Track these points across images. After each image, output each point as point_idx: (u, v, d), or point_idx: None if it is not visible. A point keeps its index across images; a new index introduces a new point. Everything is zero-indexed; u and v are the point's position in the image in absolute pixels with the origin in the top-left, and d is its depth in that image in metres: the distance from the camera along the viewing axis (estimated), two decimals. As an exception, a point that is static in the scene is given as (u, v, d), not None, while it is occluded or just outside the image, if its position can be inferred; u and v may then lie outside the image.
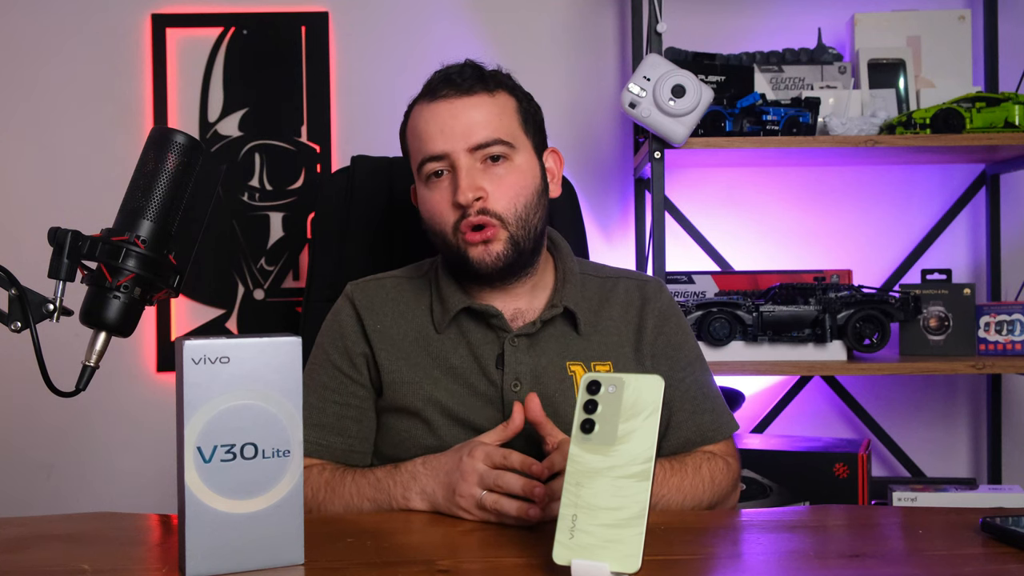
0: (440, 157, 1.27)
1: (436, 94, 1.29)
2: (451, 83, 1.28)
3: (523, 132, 1.32)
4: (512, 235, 1.27)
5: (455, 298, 1.32)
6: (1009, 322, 1.99)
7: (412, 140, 1.33)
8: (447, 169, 1.28)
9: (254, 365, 0.91)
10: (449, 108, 1.28)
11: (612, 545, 0.85)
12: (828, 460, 1.92)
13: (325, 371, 1.34)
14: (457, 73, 1.30)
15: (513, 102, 1.32)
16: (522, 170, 1.30)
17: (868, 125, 1.97)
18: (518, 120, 1.32)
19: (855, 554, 0.96)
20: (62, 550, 1.02)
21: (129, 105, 2.34)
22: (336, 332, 1.36)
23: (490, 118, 1.28)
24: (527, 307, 1.34)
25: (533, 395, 1.17)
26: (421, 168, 1.30)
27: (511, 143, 1.29)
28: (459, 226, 1.27)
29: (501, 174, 1.28)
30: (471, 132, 1.27)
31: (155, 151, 0.96)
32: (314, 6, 2.34)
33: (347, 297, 1.38)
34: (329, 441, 1.30)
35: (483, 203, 1.26)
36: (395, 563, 0.95)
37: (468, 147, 1.26)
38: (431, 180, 1.29)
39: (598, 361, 1.32)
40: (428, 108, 1.29)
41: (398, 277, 1.40)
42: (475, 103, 1.28)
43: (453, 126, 1.27)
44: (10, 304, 0.94)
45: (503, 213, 1.27)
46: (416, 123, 1.31)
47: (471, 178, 1.26)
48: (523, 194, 1.29)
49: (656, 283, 1.41)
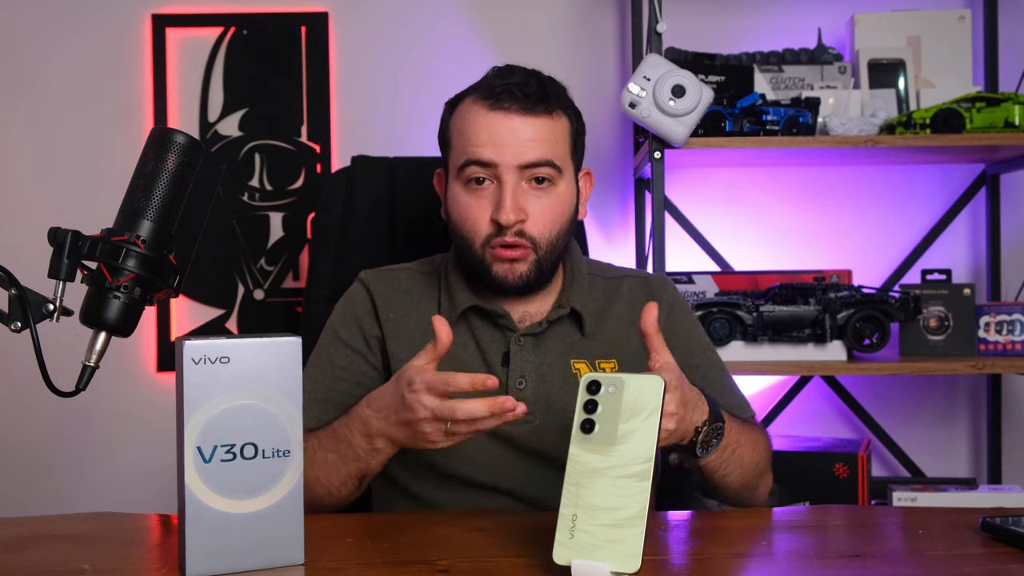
0: (488, 165, 1.25)
1: (498, 103, 1.25)
2: (514, 96, 1.25)
3: (570, 156, 1.31)
4: (539, 259, 1.27)
5: (463, 296, 1.32)
6: (1009, 322, 1.99)
7: (458, 137, 1.29)
8: (491, 179, 1.26)
9: (254, 365, 0.91)
10: (508, 122, 1.25)
11: (612, 545, 0.85)
12: (828, 460, 1.92)
13: (335, 349, 1.34)
14: (521, 85, 1.26)
15: (568, 125, 1.31)
16: (563, 196, 1.29)
17: (868, 125, 1.97)
18: (569, 144, 1.31)
19: (855, 554, 0.96)
20: (62, 550, 1.02)
21: (129, 105, 2.34)
22: (350, 313, 1.35)
23: (546, 140, 1.26)
24: (536, 308, 1.34)
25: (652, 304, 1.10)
26: (463, 169, 1.27)
27: (560, 167, 1.27)
28: (491, 241, 1.26)
29: (544, 198, 1.26)
30: (525, 151, 1.24)
31: (155, 151, 0.96)
32: (314, 6, 2.34)
33: (362, 282, 1.38)
34: (332, 417, 1.28)
35: (521, 226, 1.25)
36: (395, 563, 0.95)
37: (519, 164, 1.24)
38: (471, 185, 1.27)
39: (602, 359, 1.32)
40: (485, 114, 1.26)
41: (411, 269, 1.40)
42: (535, 123, 1.26)
43: (508, 140, 1.24)
44: (10, 304, 0.94)
45: (538, 238, 1.26)
46: (468, 122, 1.28)
47: (515, 198, 1.24)
48: (560, 221, 1.28)
49: (660, 277, 1.43)
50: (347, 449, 1.18)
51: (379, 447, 1.16)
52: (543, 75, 1.31)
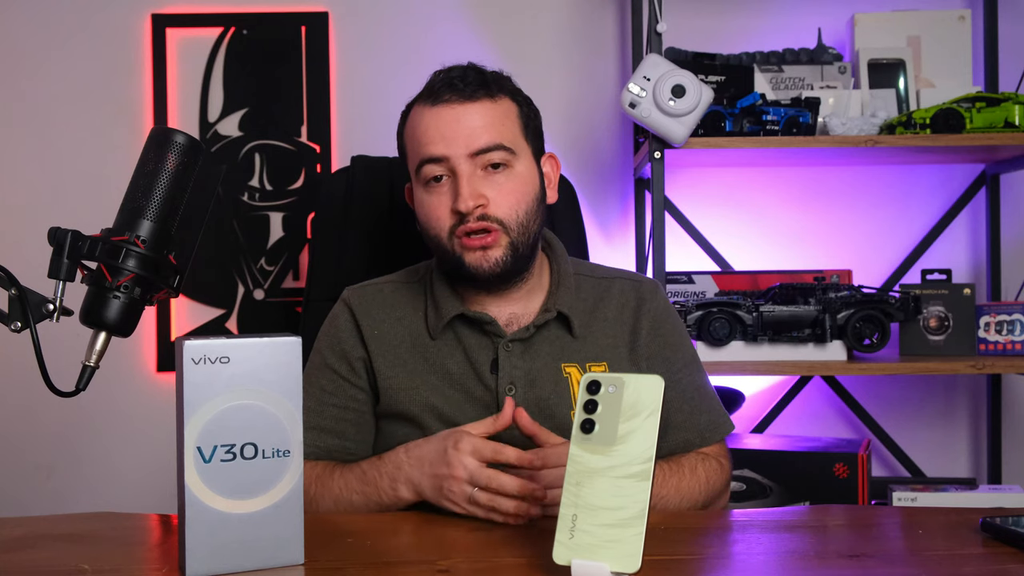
0: (440, 160, 1.26)
1: (439, 98, 1.27)
2: (454, 87, 1.27)
3: (523, 138, 1.31)
4: (513, 241, 1.27)
5: (449, 304, 1.32)
6: (1009, 322, 1.99)
7: (411, 142, 1.31)
8: (447, 174, 1.27)
9: (254, 365, 0.91)
10: (451, 112, 1.26)
11: (612, 545, 0.85)
12: (828, 460, 1.92)
13: (323, 375, 1.34)
14: (459, 77, 1.28)
15: (515, 107, 1.32)
16: (523, 177, 1.29)
17: (868, 125, 1.97)
18: (519, 126, 1.31)
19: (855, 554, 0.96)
20: (62, 550, 1.02)
21: (129, 105, 2.34)
22: (334, 337, 1.36)
23: (492, 124, 1.27)
24: (522, 311, 1.33)
25: (520, 409, 1.15)
26: (419, 171, 1.29)
27: (512, 149, 1.28)
28: (455, 231, 1.26)
29: (502, 181, 1.27)
30: (473, 138, 1.26)
31: (155, 151, 0.96)
32: (314, 6, 2.34)
33: (344, 303, 1.38)
34: (327, 443, 1.30)
35: (483, 210, 1.25)
36: (395, 563, 0.95)
37: (469, 153, 1.25)
38: (430, 184, 1.28)
39: (593, 362, 1.32)
40: (430, 111, 1.28)
41: (395, 282, 1.40)
42: (477, 109, 1.27)
43: (456, 131, 1.26)
44: (10, 304, 0.94)
45: (505, 219, 1.26)
46: (416, 125, 1.30)
47: (472, 185, 1.25)
48: (524, 200, 1.28)
49: (652, 284, 1.41)
50: (372, 491, 1.19)
51: (402, 495, 1.17)
52: (481, 66, 1.32)
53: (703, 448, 1.33)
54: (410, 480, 1.16)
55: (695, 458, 1.29)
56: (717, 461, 1.31)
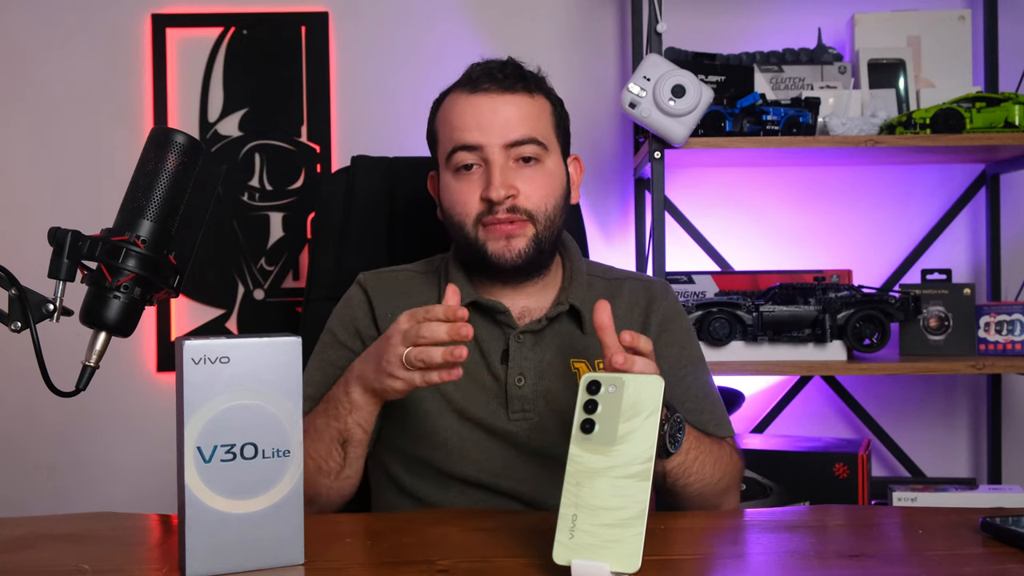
0: (474, 148, 1.27)
1: (477, 86, 1.28)
2: (493, 77, 1.28)
3: (555, 136, 1.33)
4: (538, 233, 1.27)
5: (463, 291, 1.32)
6: (1009, 322, 1.99)
7: (443, 128, 1.32)
8: (479, 163, 1.27)
9: (254, 365, 0.91)
10: (489, 102, 1.27)
11: (612, 545, 0.85)
12: (828, 460, 1.92)
13: (334, 350, 1.34)
14: (499, 68, 1.29)
15: (549, 106, 1.33)
16: (552, 173, 1.30)
17: (868, 125, 1.97)
18: (552, 124, 1.33)
19: (855, 554, 0.96)
20: (62, 550, 1.02)
21: (129, 105, 2.34)
22: (348, 315, 1.36)
23: (528, 117, 1.28)
24: (535, 305, 1.34)
25: (604, 302, 1.10)
26: (451, 157, 1.29)
27: (545, 145, 1.29)
28: (482, 219, 1.27)
29: (532, 175, 1.28)
30: (509, 129, 1.26)
31: (155, 151, 0.96)
32: (314, 6, 2.34)
33: (359, 284, 1.38)
34: None
35: (512, 201, 1.26)
36: (395, 563, 0.95)
37: (504, 143, 1.26)
38: (460, 172, 1.29)
39: (601, 359, 1.32)
40: (467, 99, 1.29)
41: (410, 271, 1.41)
42: (515, 101, 1.28)
43: (492, 120, 1.26)
44: (10, 304, 0.94)
45: (534, 211, 1.27)
46: (451, 111, 1.30)
47: (504, 175, 1.25)
48: (553, 195, 1.29)
49: (662, 284, 1.42)
50: (332, 408, 1.20)
51: (353, 397, 1.17)
52: (520, 62, 1.33)
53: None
54: (359, 376, 1.17)
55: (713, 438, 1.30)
56: (732, 447, 1.31)
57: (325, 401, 1.22)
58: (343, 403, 1.19)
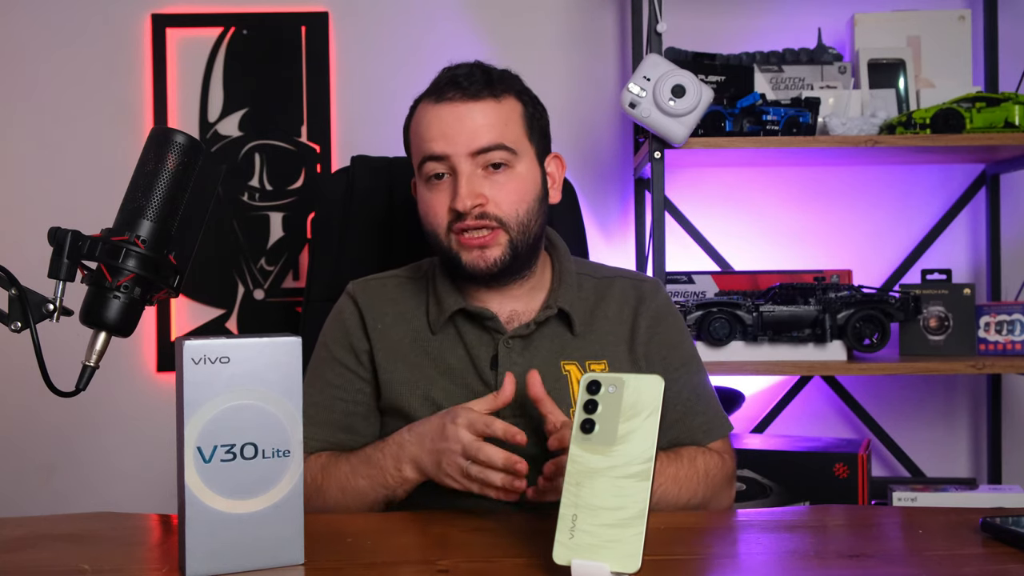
0: (441, 158, 1.27)
1: (442, 95, 1.28)
2: (458, 86, 1.27)
3: (527, 138, 1.32)
4: (512, 239, 1.27)
5: (451, 299, 1.32)
6: (1009, 322, 1.99)
7: (415, 138, 1.32)
8: (448, 172, 1.28)
9: (254, 365, 0.91)
10: (454, 111, 1.27)
11: (612, 545, 0.85)
12: (828, 460, 1.91)
13: (331, 368, 1.34)
14: (465, 76, 1.29)
15: (519, 107, 1.32)
16: (523, 177, 1.30)
17: (868, 125, 1.97)
18: (523, 126, 1.31)
19: (855, 554, 0.96)
20: (62, 550, 1.02)
21: (129, 105, 2.34)
22: (340, 330, 1.36)
23: (494, 124, 1.27)
24: (524, 308, 1.34)
25: (534, 372, 1.17)
26: (421, 167, 1.30)
27: (514, 150, 1.28)
28: (452, 228, 1.27)
29: (502, 181, 1.28)
30: (474, 137, 1.26)
31: (155, 151, 0.96)
32: (314, 6, 2.34)
33: (349, 296, 1.38)
34: (338, 439, 1.31)
35: (482, 208, 1.26)
36: (395, 563, 0.95)
37: (470, 152, 1.26)
38: (431, 181, 1.29)
39: (593, 360, 1.32)
40: (433, 109, 1.29)
41: (399, 277, 1.41)
42: (480, 108, 1.27)
43: (457, 130, 1.26)
44: (10, 304, 0.94)
45: (504, 217, 1.27)
46: (420, 122, 1.31)
47: (471, 185, 1.26)
48: (524, 200, 1.29)
49: (653, 283, 1.41)
50: (377, 474, 1.21)
51: (407, 475, 1.19)
52: (488, 65, 1.33)
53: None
54: (413, 458, 1.18)
55: (695, 450, 1.29)
56: (719, 455, 1.31)
57: (367, 464, 1.22)
58: (392, 475, 1.20)
